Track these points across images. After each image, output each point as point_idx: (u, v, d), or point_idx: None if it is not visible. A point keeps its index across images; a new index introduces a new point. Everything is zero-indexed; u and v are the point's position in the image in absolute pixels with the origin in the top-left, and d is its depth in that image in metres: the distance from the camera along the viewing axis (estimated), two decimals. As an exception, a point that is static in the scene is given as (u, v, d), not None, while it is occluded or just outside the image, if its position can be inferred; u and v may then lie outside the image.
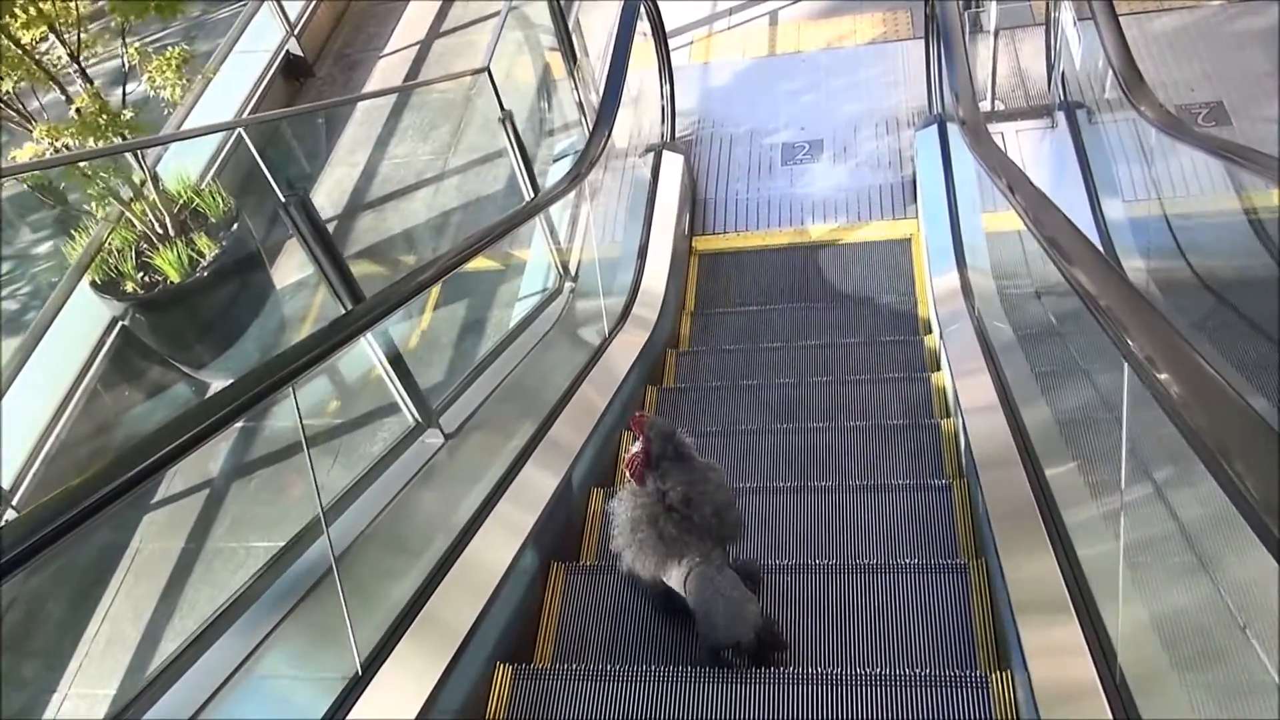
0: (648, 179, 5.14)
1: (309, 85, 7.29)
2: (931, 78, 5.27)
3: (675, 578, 2.36)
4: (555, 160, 5.48)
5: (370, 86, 7.18)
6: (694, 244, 5.36)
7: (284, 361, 1.87)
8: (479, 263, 5.44)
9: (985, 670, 2.37)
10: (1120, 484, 1.76)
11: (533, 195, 4.33)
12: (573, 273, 4.69)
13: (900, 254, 5.03)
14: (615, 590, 2.81)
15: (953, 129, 4.91)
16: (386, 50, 7.45)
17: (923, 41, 5.63)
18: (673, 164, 5.29)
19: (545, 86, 6.28)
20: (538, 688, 2.49)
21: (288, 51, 7.07)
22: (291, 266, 5.87)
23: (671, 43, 6.45)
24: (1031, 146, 4.87)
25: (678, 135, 5.98)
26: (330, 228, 6.28)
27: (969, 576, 2.67)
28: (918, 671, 2.32)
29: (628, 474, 2.43)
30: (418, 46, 7.37)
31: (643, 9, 5.21)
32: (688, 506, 2.31)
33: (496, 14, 5.06)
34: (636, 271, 4.69)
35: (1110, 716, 1.72)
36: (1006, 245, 3.97)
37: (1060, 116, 4.80)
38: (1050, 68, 5.21)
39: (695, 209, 5.54)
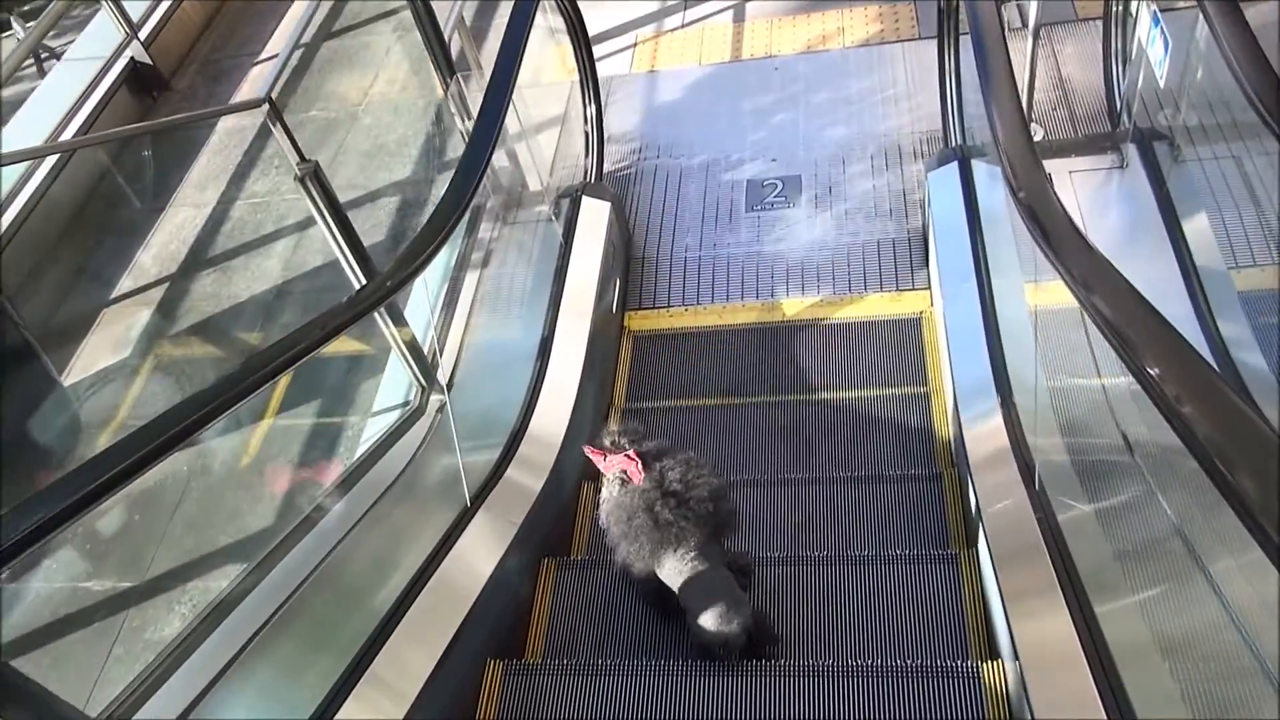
0: (558, 239, 3.72)
1: (164, 100, 5.84)
2: (948, 94, 3.86)
3: (669, 569, 2.36)
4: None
5: (240, 98, 5.74)
6: (627, 323, 3.96)
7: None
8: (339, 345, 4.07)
9: None
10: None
11: (368, 279, 2.90)
12: (442, 379, 3.30)
13: (907, 339, 3.63)
14: None
15: (981, 168, 3.51)
16: (264, 55, 6.00)
17: (934, 44, 4.21)
18: (595, 215, 3.87)
19: (455, 107, 4.82)
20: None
21: (133, 59, 5.62)
22: (104, 345, 4.45)
23: (610, 45, 5.03)
24: (1091, 195, 3.47)
25: (612, 169, 4.56)
26: (158, 292, 4.90)
27: None
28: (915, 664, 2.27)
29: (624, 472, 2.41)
30: (301, 50, 5.93)
31: (550, 1, 3.80)
32: (686, 490, 2.30)
33: (398, 10, 3.71)
34: (533, 383, 3.28)
35: None
36: (1076, 356, 2.61)
37: (1132, 152, 3.40)
38: (1112, 81, 3.81)
39: (630, 272, 4.13)
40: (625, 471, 2.40)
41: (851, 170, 4.24)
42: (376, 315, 2.95)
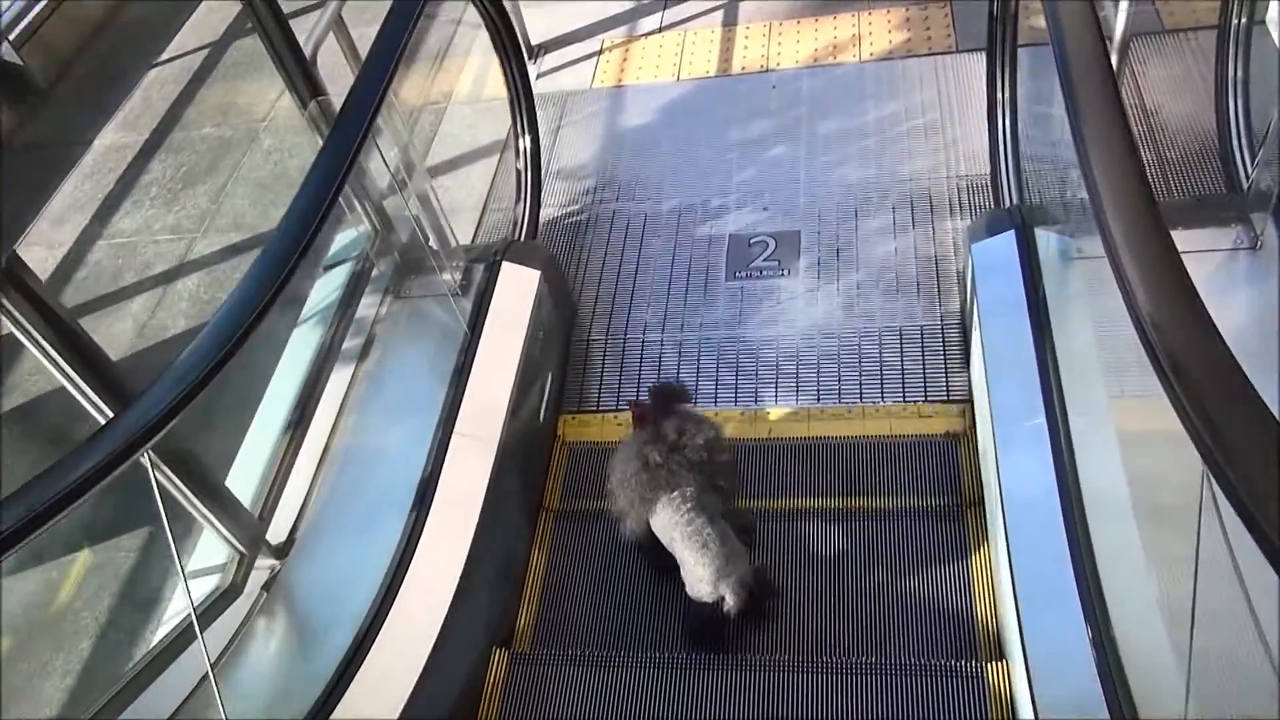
0: (462, 325, 2.71)
1: (36, 110, 4.86)
2: (1000, 133, 2.84)
3: (663, 520, 2.22)
4: (325, 267, 3.07)
5: (133, 105, 4.76)
6: (561, 430, 2.96)
7: None
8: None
9: None
10: None
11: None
12: (278, 540, 2.34)
13: (940, 468, 2.62)
14: None
15: (1051, 242, 2.50)
16: (165, 56, 5.02)
17: (979, 60, 3.20)
18: (518, 288, 2.86)
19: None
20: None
21: (-1, 59, 4.65)
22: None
23: (569, 51, 4.04)
24: (1203, 289, 2.42)
25: (558, 214, 3.55)
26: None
27: None
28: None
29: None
30: (207, 50, 4.94)
31: None
32: (680, 437, 2.20)
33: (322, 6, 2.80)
34: (400, 551, 2.27)
35: None
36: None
37: (1268, 228, 2.37)
38: (1228, 120, 2.78)
39: (571, 358, 3.12)
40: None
41: (867, 227, 3.21)
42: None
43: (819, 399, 2.82)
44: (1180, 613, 1.60)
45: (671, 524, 2.21)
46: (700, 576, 2.18)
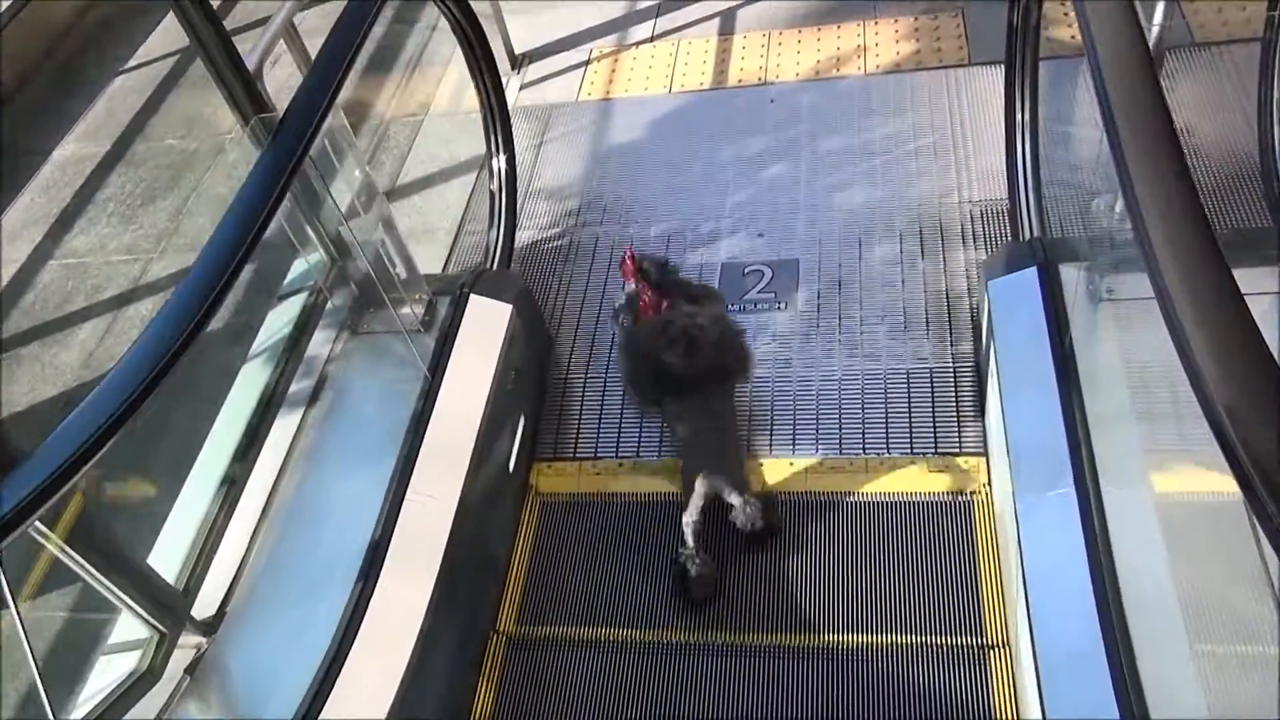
0: (422, 367, 2.45)
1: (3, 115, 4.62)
2: (1020, 157, 2.57)
3: (669, 410, 2.36)
4: (280, 297, 2.81)
5: (95, 113, 4.52)
6: (534, 480, 2.69)
7: None
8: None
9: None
10: None
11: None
12: (205, 614, 2.09)
13: (949, 532, 2.36)
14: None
15: (1079, 279, 2.23)
16: (132, 63, 4.77)
17: (994, 73, 2.94)
18: (486, 323, 2.59)
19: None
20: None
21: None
22: None
23: (555, 61, 3.80)
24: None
25: (537, 238, 3.29)
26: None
27: None
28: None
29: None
30: (176, 57, 4.69)
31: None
32: (689, 332, 2.23)
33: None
34: (342, 627, 2.00)
35: None
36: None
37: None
38: (1271, 147, 2.52)
39: (548, 399, 2.86)
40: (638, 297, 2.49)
41: (872, 256, 2.95)
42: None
43: (817, 449, 2.56)
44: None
45: (675, 416, 2.37)
46: (686, 469, 2.34)
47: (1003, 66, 2.69)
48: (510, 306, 2.66)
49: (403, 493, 2.22)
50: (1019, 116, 2.50)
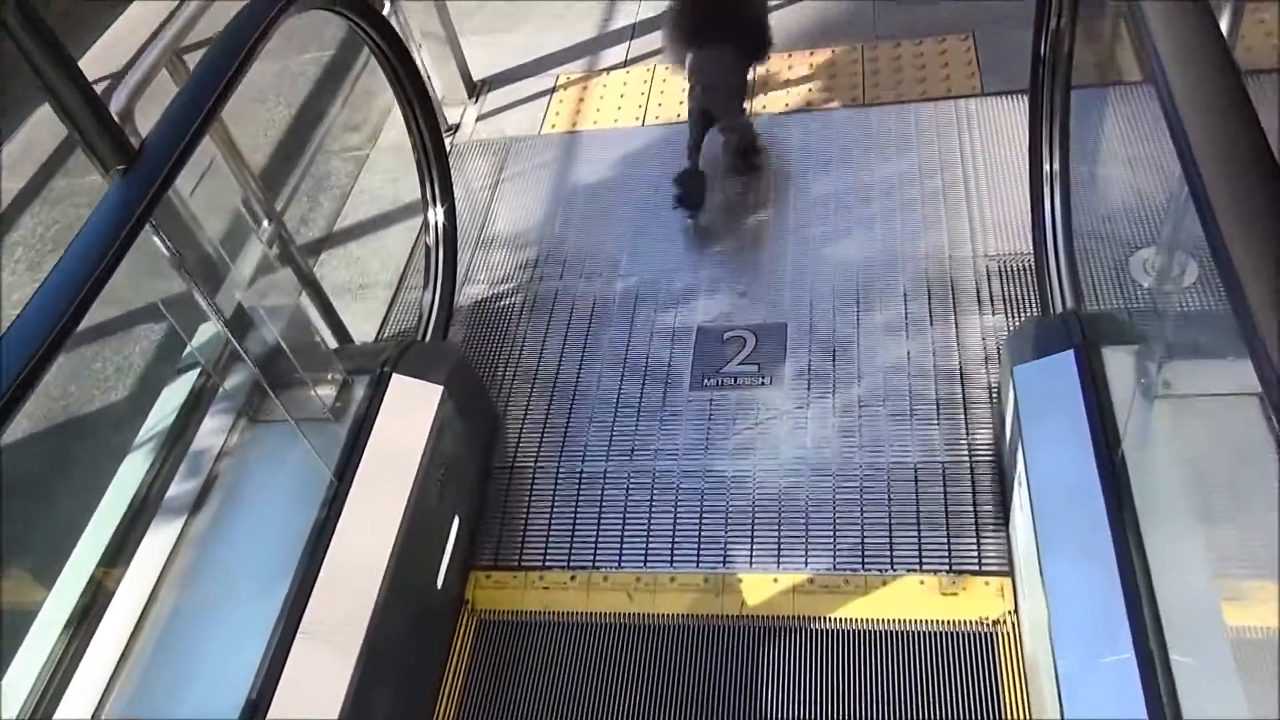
0: (327, 466, 2.02)
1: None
2: (1050, 214, 2.15)
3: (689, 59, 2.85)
4: (180, 370, 2.38)
5: (12, 150, 4.11)
6: (470, 594, 2.26)
7: None
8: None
9: None
10: None
11: None
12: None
13: (965, 670, 1.92)
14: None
15: (1127, 364, 1.80)
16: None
17: (1008, 104, 2.52)
18: (409, 410, 2.17)
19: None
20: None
21: None
22: None
23: (521, 89, 3.43)
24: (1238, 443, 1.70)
25: (487, 294, 2.87)
26: None
27: None
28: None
29: None
30: (132, 65, 4.26)
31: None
32: None
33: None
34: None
35: None
36: None
37: None
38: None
39: (489, 494, 2.43)
40: None
41: (871, 321, 2.52)
42: None
43: (807, 562, 2.13)
44: None
45: (695, 70, 2.80)
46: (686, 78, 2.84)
47: (1020, 96, 2.29)
48: (441, 388, 2.24)
49: (292, 633, 1.79)
50: (1047, 166, 2.08)
